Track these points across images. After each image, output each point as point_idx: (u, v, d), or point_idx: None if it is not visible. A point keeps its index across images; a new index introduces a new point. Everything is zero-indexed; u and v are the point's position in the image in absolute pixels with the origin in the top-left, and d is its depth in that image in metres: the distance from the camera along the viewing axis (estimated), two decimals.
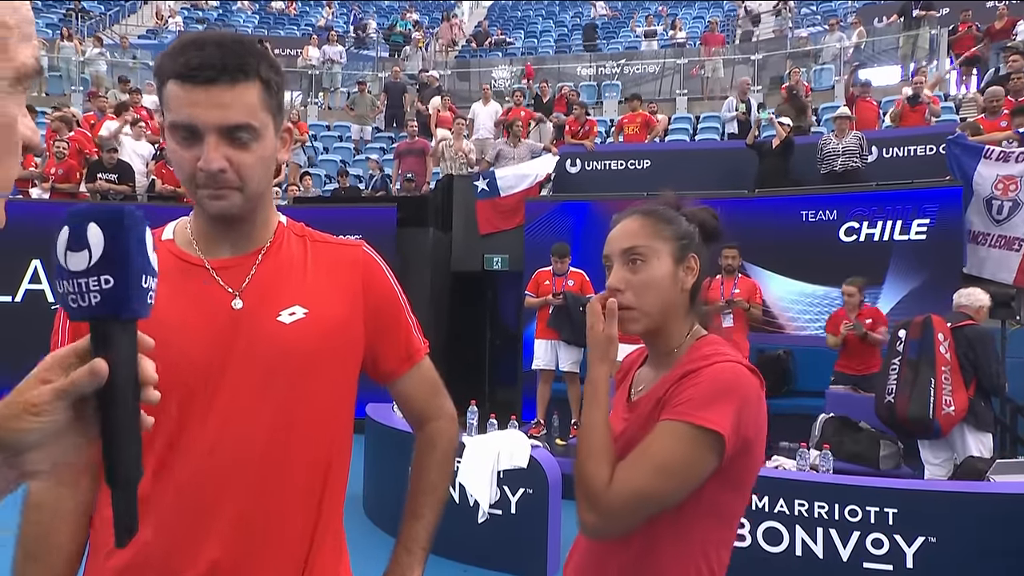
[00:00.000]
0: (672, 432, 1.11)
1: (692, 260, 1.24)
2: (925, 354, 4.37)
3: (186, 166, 1.02)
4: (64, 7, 17.75)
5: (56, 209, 5.93)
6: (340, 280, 1.15)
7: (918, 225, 6.39)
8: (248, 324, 1.06)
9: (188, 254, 1.10)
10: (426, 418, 1.28)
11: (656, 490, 1.11)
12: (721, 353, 1.18)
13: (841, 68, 12.90)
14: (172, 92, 1.00)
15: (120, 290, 0.61)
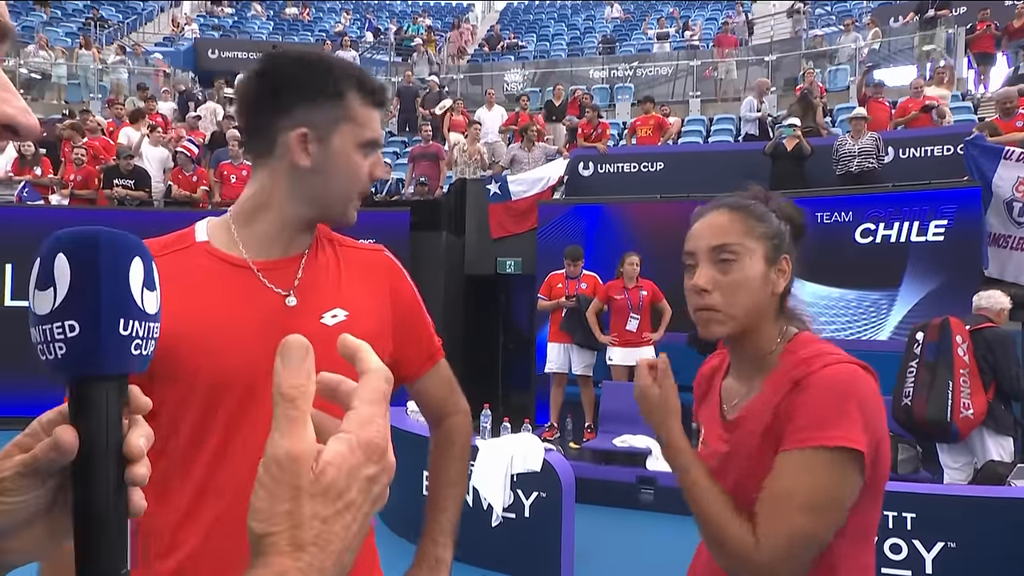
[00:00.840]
0: (805, 463, 1.00)
1: (784, 262, 1.15)
2: (943, 356, 4.31)
3: (362, 173, 1.12)
4: (83, 16, 18.02)
5: (75, 215, 6.00)
6: (371, 284, 1.19)
7: (936, 226, 6.32)
8: (298, 323, 1.07)
9: (231, 255, 1.11)
10: (444, 414, 1.32)
11: (811, 531, 1.00)
12: (822, 354, 1.09)
13: (856, 69, 12.80)
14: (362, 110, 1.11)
15: (87, 340, 0.48)
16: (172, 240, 1.12)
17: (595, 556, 4.10)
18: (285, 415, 0.46)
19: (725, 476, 1.15)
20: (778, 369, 1.13)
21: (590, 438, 5.97)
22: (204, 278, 1.07)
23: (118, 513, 0.50)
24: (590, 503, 4.68)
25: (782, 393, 1.08)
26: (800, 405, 1.04)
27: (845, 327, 6.45)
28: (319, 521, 0.44)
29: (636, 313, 6.03)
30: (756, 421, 1.11)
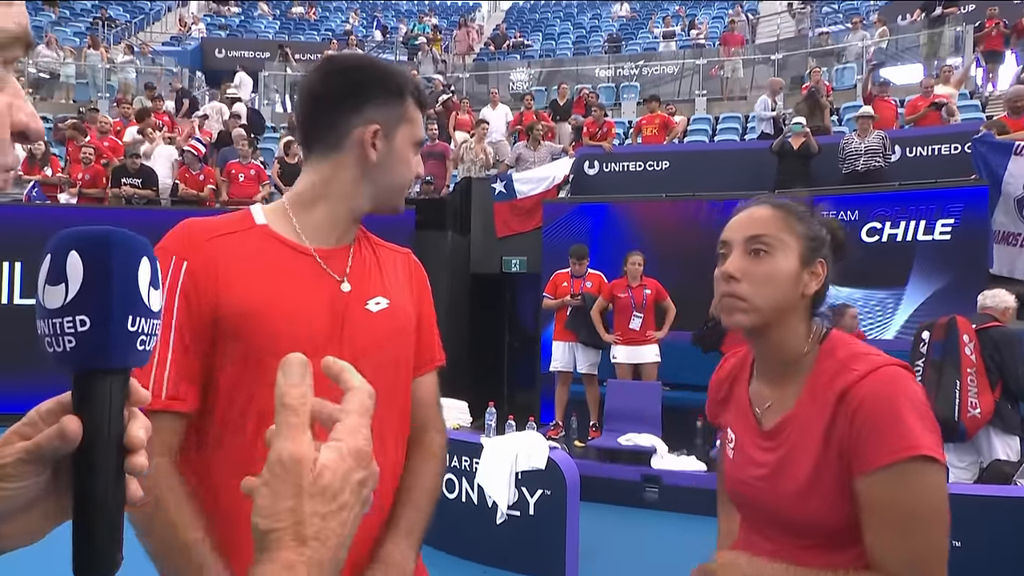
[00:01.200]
0: (893, 482, 0.97)
1: (820, 266, 1.14)
2: (949, 356, 4.31)
3: (414, 170, 1.23)
4: (91, 16, 18.11)
5: (84, 214, 6.05)
6: (405, 279, 1.29)
7: (942, 225, 6.30)
8: (351, 307, 1.17)
9: (292, 241, 1.17)
10: (428, 427, 1.33)
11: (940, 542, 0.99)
12: (860, 355, 1.07)
13: (863, 67, 12.75)
14: (415, 113, 1.22)
15: (98, 334, 0.50)
16: (231, 221, 1.17)
17: (600, 554, 4.11)
18: (287, 422, 0.49)
19: (759, 482, 1.13)
20: (815, 372, 1.11)
21: (595, 436, 5.98)
22: (269, 260, 1.14)
23: (116, 500, 0.52)
24: (595, 501, 4.68)
25: (829, 406, 1.06)
26: (861, 426, 1.01)
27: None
28: (319, 518, 0.48)
29: (639, 312, 6.03)
30: (804, 432, 1.08)
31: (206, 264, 1.10)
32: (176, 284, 1.09)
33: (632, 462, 5.39)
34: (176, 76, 13.80)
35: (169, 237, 1.14)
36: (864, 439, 1.00)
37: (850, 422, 1.02)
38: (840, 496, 1.04)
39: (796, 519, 1.08)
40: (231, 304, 1.09)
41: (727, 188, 7.48)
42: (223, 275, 1.10)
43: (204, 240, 1.12)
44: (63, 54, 14.27)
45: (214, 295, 1.09)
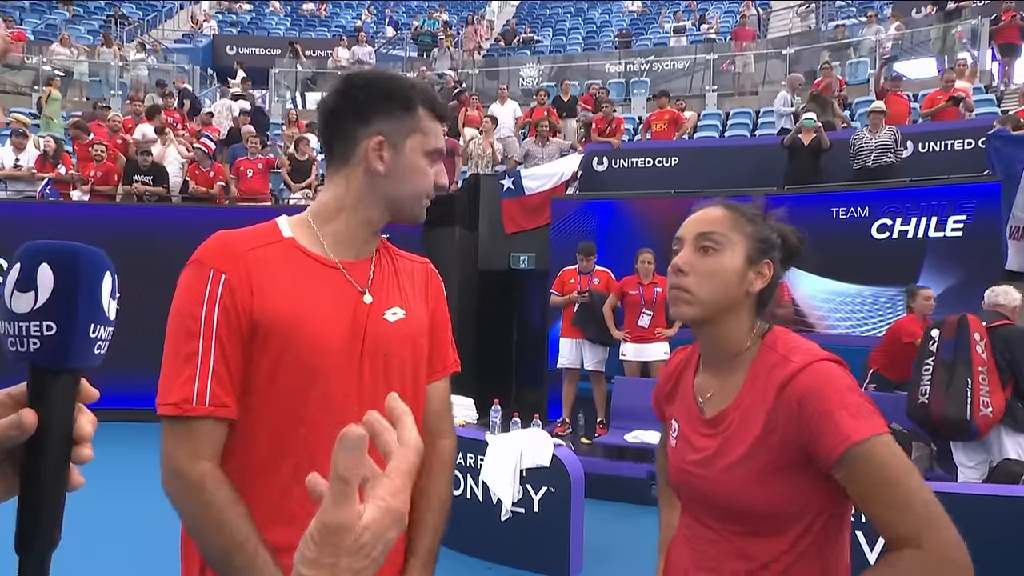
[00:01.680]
0: (855, 469, 1.02)
1: (766, 266, 1.19)
2: (960, 354, 4.26)
3: (429, 181, 1.25)
4: (105, 14, 18.25)
5: (96, 211, 6.10)
6: (420, 289, 1.33)
7: (954, 222, 6.24)
8: (372, 318, 1.22)
9: (319, 254, 1.22)
10: (439, 434, 1.35)
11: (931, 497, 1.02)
12: (798, 348, 1.13)
13: (876, 61, 12.63)
14: (430, 123, 1.24)
15: (62, 339, 0.55)
16: (262, 234, 1.21)
17: (606, 551, 4.11)
18: (341, 491, 0.53)
19: (699, 469, 1.18)
20: (756, 364, 1.16)
21: (602, 434, 5.97)
22: (299, 273, 1.19)
23: (61, 486, 0.57)
24: (601, 499, 4.69)
25: (770, 395, 1.10)
26: (807, 423, 1.05)
27: (861, 323, 6.38)
28: (352, 572, 0.54)
29: (649, 309, 6.02)
30: (744, 420, 1.13)
31: (242, 277, 1.14)
32: (216, 297, 1.13)
33: (639, 460, 5.39)
34: (184, 75, 13.87)
35: (205, 250, 1.17)
36: (816, 437, 1.04)
37: (796, 417, 1.06)
38: (774, 481, 1.08)
39: (732, 504, 1.12)
40: (265, 316, 1.14)
41: (737, 184, 7.43)
42: (257, 288, 1.15)
43: (241, 253, 1.16)
44: (77, 52, 14.39)
45: (249, 307, 1.13)
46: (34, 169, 8.67)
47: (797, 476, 1.08)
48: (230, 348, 1.12)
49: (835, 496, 1.09)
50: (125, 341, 1.24)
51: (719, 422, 1.17)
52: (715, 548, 1.16)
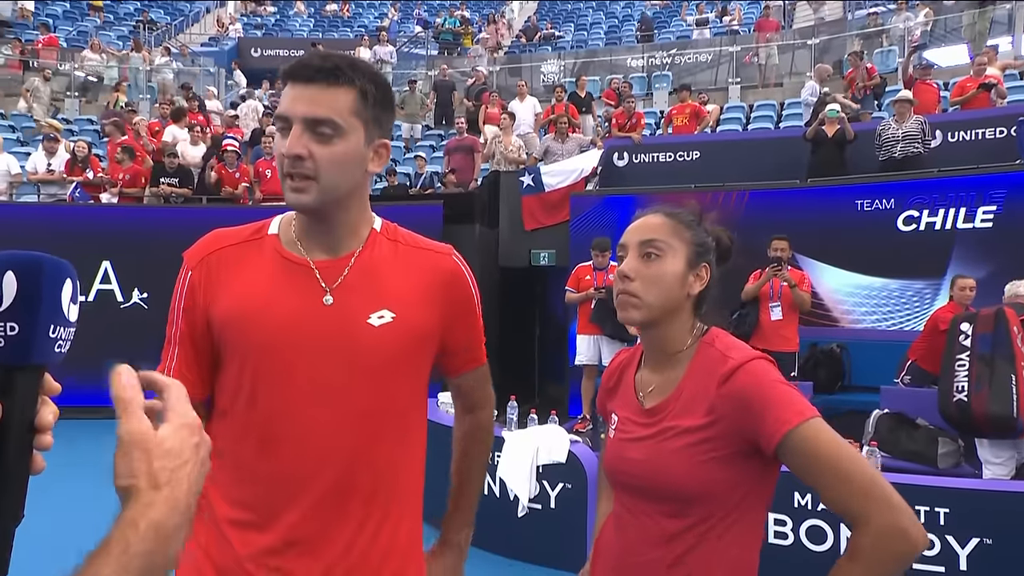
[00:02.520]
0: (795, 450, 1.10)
1: (704, 269, 1.28)
2: (1000, 349, 4.14)
3: (278, 156, 1.16)
4: (134, 19, 18.62)
5: (124, 213, 6.23)
6: (425, 285, 1.24)
7: (984, 213, 6.09)
8: (338, 321, 1.17)
9: (291, 252, 1.21)
10: (476, 405, 1.43)
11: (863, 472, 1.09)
12: (735, 347, 1.22)
13: (906, 49, 12.35)
14: (283, 91, 1.17)
15: (24, 338, 0.61)
16: (251, 232, 1.25)
17: None
18: (122, 408, 0.62)
19: (635, 453, 1.25)
20: (696, 360, 1.24)
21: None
22: (262, 270, 1.20)
23: (24, 471, 0.63)
24: None
25: (712, 386, 1.18)
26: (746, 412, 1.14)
27: (887, 317, 6.27)
28: (168, 471, 0.61)
29: None
30: (684, 409, 1.21)
31: (204, 274, 1.20)
32: (182, 291, 1.22)
33: None
34: (210, 77, 14.11)
35: (192, 247, 1.25)
36: (758, 426, 1.13)
37: (738, 409, 1.15)
38: (713, 466, 1.17)
39: (663, 485, 1.20)
40: (216, 312, 1.19)
41: (760, 177, 7.34)
42: (215, 285, 1.20)
43: (210, 251, 1.22)
44: (107, 57, 14.71)
45: (206, 303, 1.19)
46: (64, 173, 8.89)
47: (735, 463, 1.17)
48: (191, 339, 1.21)
49: (759, 485, 1.20)
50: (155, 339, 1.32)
51: (658, 412, 1.25)
52: (637, 528, 1.24)
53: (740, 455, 1.16)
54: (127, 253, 7.29)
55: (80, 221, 7.62)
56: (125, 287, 7.36)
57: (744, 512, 1.19)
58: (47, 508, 1.41)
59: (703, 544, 1.18)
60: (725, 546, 1.18)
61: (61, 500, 1.14)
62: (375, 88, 1.17)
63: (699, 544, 1.18)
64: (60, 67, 14.31)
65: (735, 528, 1.18)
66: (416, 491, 1.28)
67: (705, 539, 1.18)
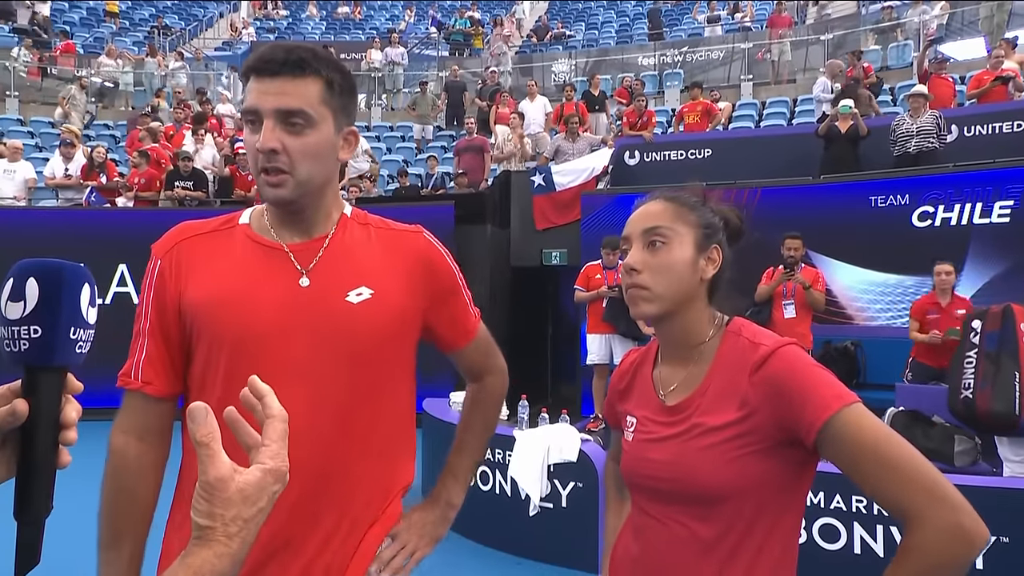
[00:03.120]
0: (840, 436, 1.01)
1: (715, 251, 1.20)
2: (1006, 346, 4.11)
3: (251, 151, 1.15)
4: (149, 25, 18.82)
5: (140, 216, 6.30)
6: (401, 263, 1.24)
7: (1000, 207, 6.02)
8: (315, 302, 1.17)
9: (264, 238, 1.21)
10: (484, 373, 1.43)
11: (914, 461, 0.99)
12: (764, 334, 1.15)
13: (920, 42, 12.21)
14: (248, 86, 1.15)
15: (47, 340, 0.65)
16: (220, 222, 1.26)
17: None
18: (205, 454, 0.65)
19: (658, 454, 1.16)
20: (723, 351, 1.16)
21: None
22: (234, 257, 1.19)
23: (51, 464, 0.67)
24: None
25: (743, 377, 1.10)
26: (787, 400, 1.05)
27: (902, 314, 6.20)
28: (242, 521, 0.65)
29: None
30: (714, 404, 1.13)
31: (173, 264, 1.20)
32: (151, 282, 1.21)
33: None
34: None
35: (160, 239, 1.24)
36: (797, 414, 1.05)
37: (774, 397, 1.07)
38: (748, 461, 1.09)
39: (692, 486, 1.11)
40: (189, 300, 1.18)
41: (773, 175, 7.29)
42: (186, 273, 1.19)
43: (178, 241, 1.22)
44: (123, 63, 14.88)
45: (177, 292, 1.19)
46: (80, 178, 9.01)
47: (771, 458, 1.09)
48: (161, 331, 1.20)
49: (797, 481, 1.12)
50: None
51: (683, 409, 1.17)
52: (664, 534, 1.16)
53: (776, 448, 1.07)
54: (143, 256, 7.29)
55: (97, 225, 7.72)
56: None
57: (782, 511, 1.11)
58: (72, 506, 1.44)
59: (743, 549, 1.09)
60: (767, 548, 1.09)
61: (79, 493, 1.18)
62: (340, 76, 1.17)
63: (739, 549, 1.09)
64: (77, 73, 14.50)
65: (775, 529, 1.10)
66: (404, 472, 1.28)
67: (744, 544, 1.09)
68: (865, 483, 1.02)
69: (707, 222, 1.20)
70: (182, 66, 14.77)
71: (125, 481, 1.17)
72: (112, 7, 19.22)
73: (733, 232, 1.24)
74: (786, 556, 1.12)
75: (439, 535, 1.34)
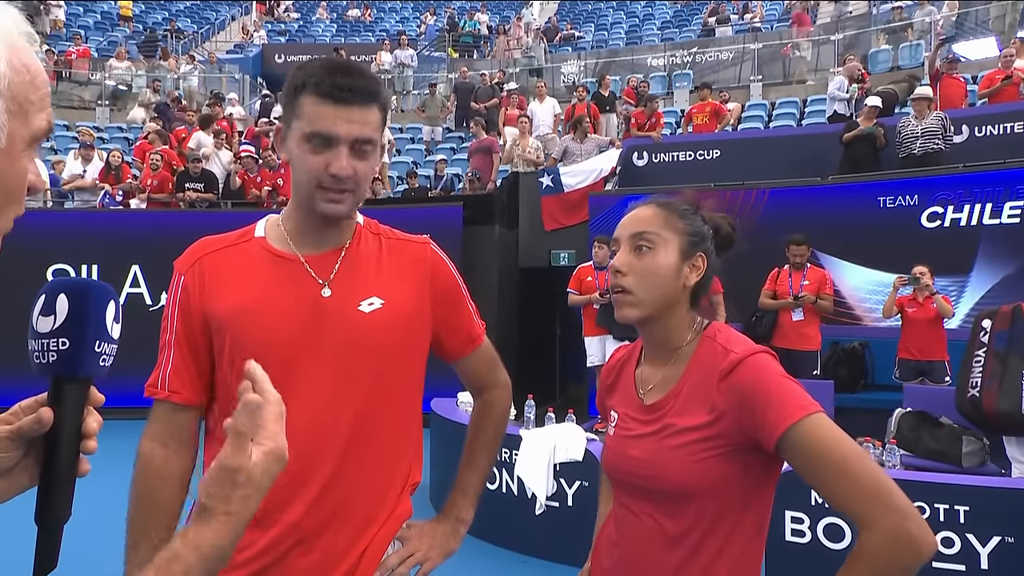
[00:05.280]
0: (800, 445, 1.05)
1: (699, 259, 1.23)
2: (1014, 346, 4.10)
3: (314, 169, 1.18)
4: (162, 28, 19.00)
5: (153, 218, 6.35)
6: (411, 274, 1.30)
7: (1011, 208, 5.98)
8: (334, 312, 1.22)
9: (281, 250, 1.26)
10: (485, 387, 1.47)
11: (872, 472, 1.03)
12: (737, 341, 1.18)
13: (931, 42, 12.14)
14: (312, 106, 1.16)
15: (73, 352, 0.69)
16: (236, 236, 1.31)
17: None
18: (239, 443, 0.70)
19: (635, 451, 1.21)
20: (698, 354, 1.20)
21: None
22: (254, 270, 1.24)
23: (72, 472, 0.70)
24: None
25: (713, 380, 1.14)
26: (751, 408, 1.09)
27: None
28: (243, 499, 0.69)
29: None
30: (686, 405, 1.17)
31: (196, 278, 1.25)
32: (175, 296, 1.27)
33: None
34: (235, 84, 14.35)
35: (181, 255, 1.30)
36: (759, 421, 1.09)
37: (739, 404, 1.11)
38: (712, 463, 1.13)
39: (661, 483, 1.16)
40: (214, 313, 1.23)
41: (781, 175, 7.28)
42: (209, 286, 1.24)
43: (200, 256, 1.27)
44: (136, 67, 15.04)
45: (202, 304, 1.23)
46: (97, 180, 9.13)
47: (736, 461, 1.12)
48: (187, 342, 1.25)
49: (761, 484, 1.16)
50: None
51: (658, 408, 1.21)
52: (638, 527, 1.21)
53: (741, 452, 1.11)
54: (156, 257, 7.44)
55: (110, 226, 7.81)
56: (154, 290, 7.53)
57: (746, 512, 1.15)
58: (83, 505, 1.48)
59: (705, 546, 1.14)
60: (728, 546, 1.14)
61: (95, 497, 1.21)
62: (386, 97, 1.25)
63: (702, 546, 1.14)
64: (91, 76, 14.67)
65: (737, 529, 1.14)
66: (413, 471, 1.33)
67: (707, 541, 1.14)
68: (821, 489, 1.06)
69: (695, 230, 1.24)
70: (192, 69, 14.91)
71: (148, 484, 1.21)
72: (126, 11, 19.41)
73: (724, 240, 1.27)
74: (747, 555, 1.16)
75: (450, 549, 1.38)
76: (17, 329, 1.07)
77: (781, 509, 3.36)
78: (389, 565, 1.27)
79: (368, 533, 1.24)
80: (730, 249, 1.28)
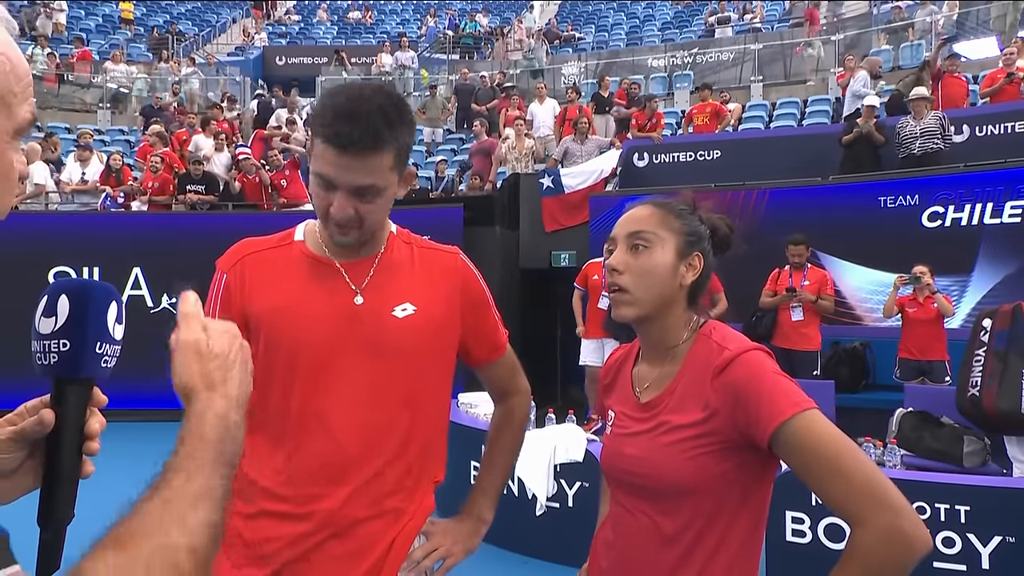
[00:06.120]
0: (793, 441, 1.05)
1: (696, 258, 1.23)
2: (1015, 345, 4.10)
3: (321, 206, 1.24)
4: (163, 31, 19.04)
5: (154, 220, 6.37)
6: (441, 282, 1.35)
7: (1012, 207, 5.98)
8: (367, 317, 1.27)
9: (319, 255, 1.31)
10: (507, 394, 1.52)
11: (866, 469, 1.03)
12: (732, 338, 1.19)
13: (932, 42, 12.14)
14: (319, 147, 1.20)
15: (74, 353, 0.69)
16: (278, 239, 1.36)
17: None
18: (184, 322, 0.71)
19: (631, 449, 1.21)
20: (693, 353, 1.21)
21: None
22: (292, 273, 1.30)
23: (75, 473, 0.70)
24: None
25: (707, 378, 1.15)
26: (744, 405, 1.09)
27: None
28: (220, 371, 0.68)
29: None
30: (680, 402, 1.18)
31: (237, 277, 1.29)
32: (217, 294, 1.31)
33: None
34: (236, 87, 14.37)
35: (224, 254, 1.34)
36: (753, 418, 1.09)
37: (732, 401, 1.11)
38: (707, 460, 1.13)
39: (656, 481, 1.17)
40: (252, 312, 1.27)
41: (783, 175, 7.28)
42: (249, 286, 1.28)
43: (242, 256, 1.31)
44: (135, 69, 15.06)
45: (242, 303, 1.27)
46: (98, 183, 9.14)
47: (730, 458, 1.13)
48: None
49: (757, 482, 1.16)
50: None
51: (654, 406, 1.22)
52: (634, 525, 1.21)
53: (735, 450, 1.11)
54: (157, 259, 7.46)
55: (112, 228, 7.82)
56: (155, 292, 7.54)
57: (742, 509, 1.14)
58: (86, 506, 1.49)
59: (701, 544, 1.14)
60: (724, 545, 1.14)
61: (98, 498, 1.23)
62: (408, 136, 1.23)
63: (698, 544, 1.14)
64: (93, 79, 14.69)
65: (733, 528, 1.14)
66: (437, 469, 1.38)
67: (703, 539, 1.14)
68: (814, 485, 1.06)
69: (691, 230, 1.24)
70: (193, 71, 14.93)
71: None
72: (127, 14, 19.45)
73: (721, 241, 1.28)
74: (744, 553, 1.16)
75: (472, 546, 1.42)
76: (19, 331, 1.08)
77: (781, 509, 3.36)
78: (415, 558, 1.31)
79: (398, 525, 1.28)
80: (728, 249, 1.28)
